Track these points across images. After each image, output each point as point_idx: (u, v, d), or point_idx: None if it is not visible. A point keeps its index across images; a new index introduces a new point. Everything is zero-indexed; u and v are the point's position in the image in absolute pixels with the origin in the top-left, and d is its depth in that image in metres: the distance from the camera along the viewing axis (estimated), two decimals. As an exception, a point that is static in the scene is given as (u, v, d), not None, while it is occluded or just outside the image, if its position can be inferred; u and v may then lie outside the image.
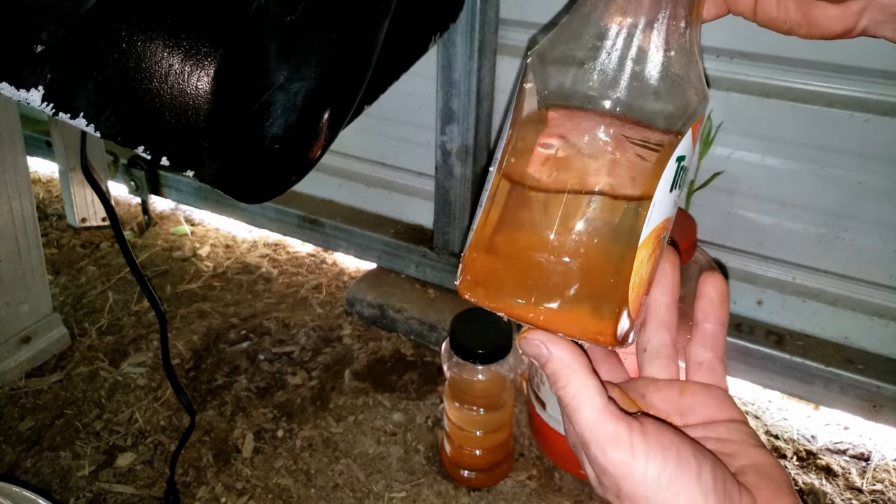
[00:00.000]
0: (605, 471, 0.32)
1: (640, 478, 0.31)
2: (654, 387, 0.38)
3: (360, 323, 1.10)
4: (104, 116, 0.49)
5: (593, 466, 0.33)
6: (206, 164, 0.56)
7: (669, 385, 0.38)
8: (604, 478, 0.32)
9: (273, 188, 0.61)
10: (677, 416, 0.37)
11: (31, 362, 0.99)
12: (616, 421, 0.32)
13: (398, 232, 1.14)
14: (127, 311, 1.12)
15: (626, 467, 0.31)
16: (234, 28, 0.53)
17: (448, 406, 0.81)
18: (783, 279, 0.91)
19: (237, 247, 1.31)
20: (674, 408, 0.37)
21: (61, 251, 1.28)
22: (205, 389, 0.97)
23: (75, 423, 0.91)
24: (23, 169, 0.92)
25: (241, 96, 0.55)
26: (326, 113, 0.59)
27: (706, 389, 0.38)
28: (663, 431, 0.32)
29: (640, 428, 0.31)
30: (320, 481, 0.84)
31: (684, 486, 0.30)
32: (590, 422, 0.32)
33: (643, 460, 0.31)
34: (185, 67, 0.51)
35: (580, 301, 0.33)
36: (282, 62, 0.55)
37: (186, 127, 0.53)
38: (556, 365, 0.33)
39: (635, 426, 0.32)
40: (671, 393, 0.38)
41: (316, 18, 0.55)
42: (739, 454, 0.35)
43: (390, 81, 0.77)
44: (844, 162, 0.81)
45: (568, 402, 0.33)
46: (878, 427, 0.89)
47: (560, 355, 0.33)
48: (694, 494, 0.30)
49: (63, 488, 0.82)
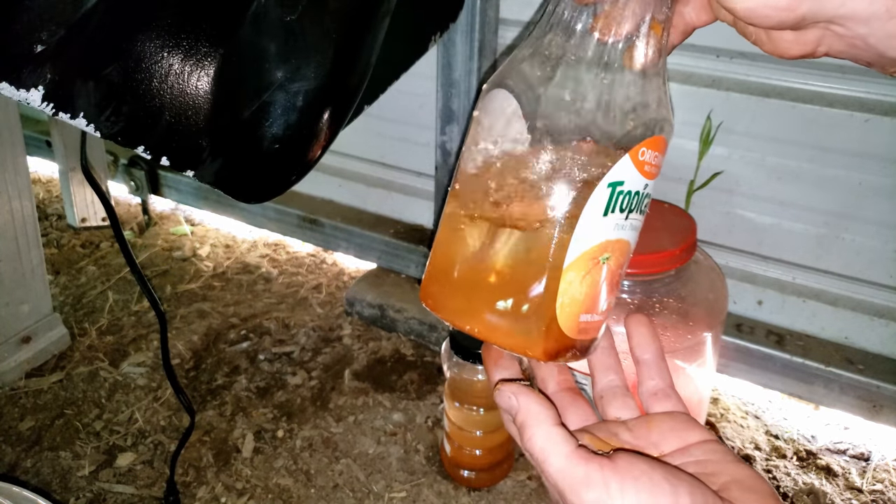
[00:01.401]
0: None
1: None
2: (624, 426, 0.39)
3: (360, 323, 1.10)
4: (104, 116, 0.49)
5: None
6: (205, 164, 0.56)
7: (636, 422, 0.39)
8: None
9: (273, 188, 0.61)
10: (653, 449, 0.38)
11: (31, 362, 0.99)
12: (586, 463, 0.32)
13: (398, 232, 1.14)
14: (127, 311, 1.12)
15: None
16: (234, 28, 0.53)
17: (448, 406, 0.81)
18: (783, 279, 0.91)
19: (237, 247, 1.31)
20: (646, 442, 0.38)
21: (61, 251, 1.28)
22: (205, 389, 0.97)
23: (75, 423, 0.91)
24: (23, 169, 0.92)
25: (241, 96, 0.55)
26: (326, 113, 0.59)
27: (671, 417, 0.40)
28: (634, 462, 0.32)
29: (611, 464, 0.32)
30: (320, 481, 0.84)
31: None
32: (560, 469, 0.32)
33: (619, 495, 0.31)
34: (185, 67, 0.51)
35: (509, 317, 0.35)
36: (282, 62, 0.55)
37: (186, 127, 0.53)
38: (522, 417, 0.34)
39: (605, 463, 0.32)
40: (640, 429, 0.39)
41: (316, 18, 0.55)
42: (720, 472, 0.35)
43: (390, 81, 0.77)
44: (844, 162, 0.81)
45: (537, 454, 0.33)
46: (878, 427, 0.89)
47: (527, 407, 0.34)
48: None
49: (63, 488, 0.82)
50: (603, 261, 0.36)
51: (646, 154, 0.35)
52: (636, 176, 0.35)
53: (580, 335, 0.36)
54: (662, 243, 0.75)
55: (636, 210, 0.36)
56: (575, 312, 0.36)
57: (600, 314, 0.38)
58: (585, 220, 0.34)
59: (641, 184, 0.36)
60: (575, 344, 0.37)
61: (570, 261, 0.34)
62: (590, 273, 0.35)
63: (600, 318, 0.38)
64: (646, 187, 0.37)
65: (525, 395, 0.35)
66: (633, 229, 0.37)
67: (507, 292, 0.35)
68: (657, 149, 0.36)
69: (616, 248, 0.36)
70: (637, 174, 0.35)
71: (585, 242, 0.35)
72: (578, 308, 0.36)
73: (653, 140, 0.35)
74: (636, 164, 0.35)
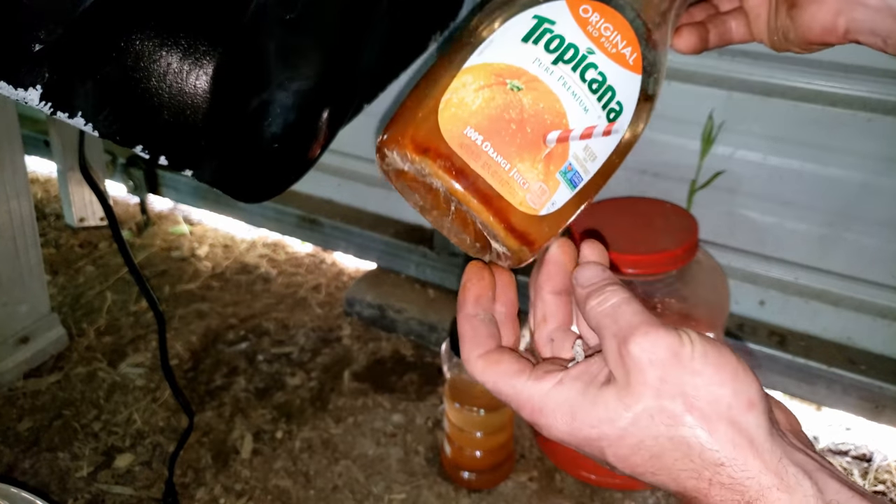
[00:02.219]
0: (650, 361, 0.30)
1: (699, 367, 0.29)
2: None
3: (359, 323, 1.10)
4: (102, 115, 0.48)
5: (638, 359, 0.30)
6: (204, 163, 0.56)
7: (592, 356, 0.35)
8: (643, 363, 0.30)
9: (272, 187, 0.61)
10: None
11: (29, 363, 0.99)
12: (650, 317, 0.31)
13: (398, 232, 1.14)
14: (125, 312, 1.12)
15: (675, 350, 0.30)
16: (233, 26, 0.53)
17: (448, 407, 0.81)
18: (785, 279, 0.91)
19: (236, 246, 1.30)
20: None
21: (59, 251, 1.27)
22: (203, 390, 0.97)
23: (73, 424, 0.90)
24: (21, 168, 0.92)
25: (240, 95, 0.55)
26: (325, 112, 0.59)
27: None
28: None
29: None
30: (319, 483, 0.83)
31: (730, 372, 0.30)
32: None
33: (689, 343, 0.30)
34: (183, 66, 0.51)
35: (409, 109, 0.35)
36: (281, 61, 0.55)
37: (185, 126, 0.53)
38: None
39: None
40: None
41: (315, 17, 0.55)
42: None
43: (390, 80, 0.77)
44: (847, 161, 0.81)
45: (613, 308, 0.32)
46: (880, 428, 0.89)
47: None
48: (735, 367, 0.30)
49: (61, 489, 0.82)
50: (512, 86, 0.34)
51: (591, 14, 0.34)
52: (574, 28, 0.34)
53: (460, 149, 0.33)
54: (664, 243, 0.75)
55: (572, 67, 0.34)
56: (460, 117, 0.33)
57: (501, 154, 0.33)
58: (500, 36, 0.35)
59: (584, 43, 0.34)
60: (450, 156, 0.33)
61: (470, 64, 0.34)
62: (490, 88, 0.34)
63: (505, 169, 0.34)
64: (590, 52, 0.34)
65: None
66: (565, 87, 0.34)
67: (419, 94, 0.35)
68: (610, 22, 0.34)
69: (534, 87, 0.34)
70: (575, 27, 0.34)
71: (492, 55, 0.34)
72: (465, 114, 0.33)
73: (603, 8, 0.34)
74: (575, 16, 0.34)
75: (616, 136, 0.35)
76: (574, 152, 0.34)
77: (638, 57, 0.35)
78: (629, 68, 0.35)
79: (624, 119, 0.35)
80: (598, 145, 0.34)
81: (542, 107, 0.34)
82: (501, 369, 0.33)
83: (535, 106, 0.34)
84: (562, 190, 0.34)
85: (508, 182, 0.33)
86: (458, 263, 1.07)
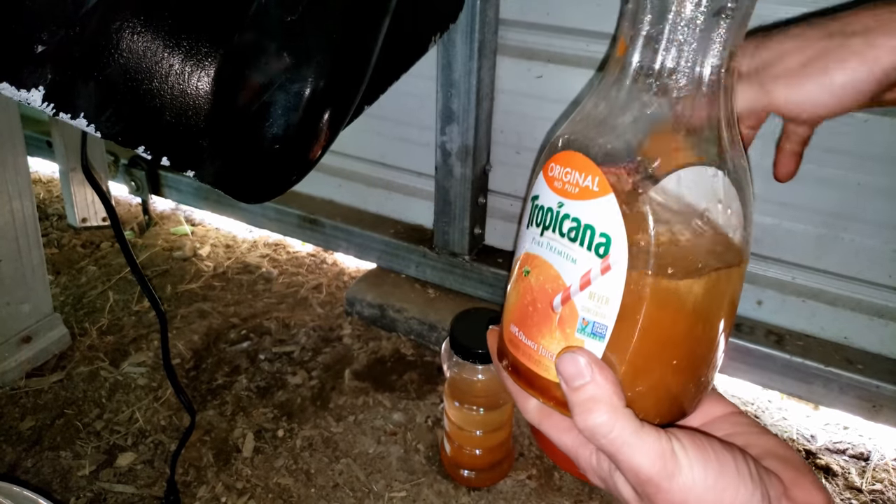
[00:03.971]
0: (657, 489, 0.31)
1: (689, 484, 0.30)
2: None
3: (360, 323, 1.10)
4: (105, 116, 0.49)
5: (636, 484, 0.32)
6: (206, 164, 0.56)
7: None
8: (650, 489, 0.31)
9: (273, 188, 0.61)
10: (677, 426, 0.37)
11: (32, 362, 0.99)
12: (656, 434, 0.31)
13: (398, 232, 1.15)
14: (127, 311, 1.12)
15: (675, 476, 0.31)
16: (235, 28, 0.53)
17: (448, 406, 0.81)
18: (783, 279, 0.91)
19: (237, 247, 1.31)
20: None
21: (62, 251, 1.28)
22: (205, 389, 0.97)
23: (76, 423, 0.91)
24: (23, 169, 0.92)
25: (242, 96, 0.55)
26: (327, 113, 0.59)
27: None
28: (691, 434, 0.32)
29: (676, 438, 0.31)
30: (320, 481, 0.84)
31: (730, 481, 0.30)
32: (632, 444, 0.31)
33: (687, 467, 0.30)
34: (185, 67, 0.51)
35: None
36: (282, 62, 0.56)
37: (187, 127, 0.53)
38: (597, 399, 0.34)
39: (671, 437, 0.31)
40: None
41: (316, 19, 0.55)
42: (751, 444, 0.34)
43: (390, 81, 0.77)
44: (843, 162, 0.81)
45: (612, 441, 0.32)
46: (877, 427, 0.89)
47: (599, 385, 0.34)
48: (737, 485, 0.30)
49: (63, 488, 0.82)
50: (525, 273, 0.36)
51: (554, 169, 0.35)
52: (546, 191, 0.35)
53: (510, 346, 0.37)
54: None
55: (552, 228, 0.34)
56: (507, 319, 0.37)
57: (529, 338, 0.35)
58: (520, 231, 0.38)
59: (554, 200, 0.35)
60: (506, 353, 0.37)
61: (512, 267, 0.38)
62: (517, 282, 0.37)
63: (534, 349, 0.35)
64: (560, 206, 0.34)
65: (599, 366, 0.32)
66: (553, 251, 0.35)
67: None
68: (569, 164, 0.34)
69: (535, 265, 0.35)
70: (547, 189, 0.35)
71: (517, 250, 0.38)
72: (510, 315, 0.37)
73: (562, 155, 0.35)
74: (546, 179, 0.36)
75: (618, 267, 0.32)
76: (581, 305, 0.33)
77: (601, 179, 0.33)
78: (595, 196, 0.33)
79: (617, 247, 0.32)
80: (603, 287, 0.32)
81: (542, 279, 0.35)
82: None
83: (538, 281, 0.35)
84: (589, 345, 0.33)
85: (540, 361, 0.35)
86: (458, 263, 1.07)
